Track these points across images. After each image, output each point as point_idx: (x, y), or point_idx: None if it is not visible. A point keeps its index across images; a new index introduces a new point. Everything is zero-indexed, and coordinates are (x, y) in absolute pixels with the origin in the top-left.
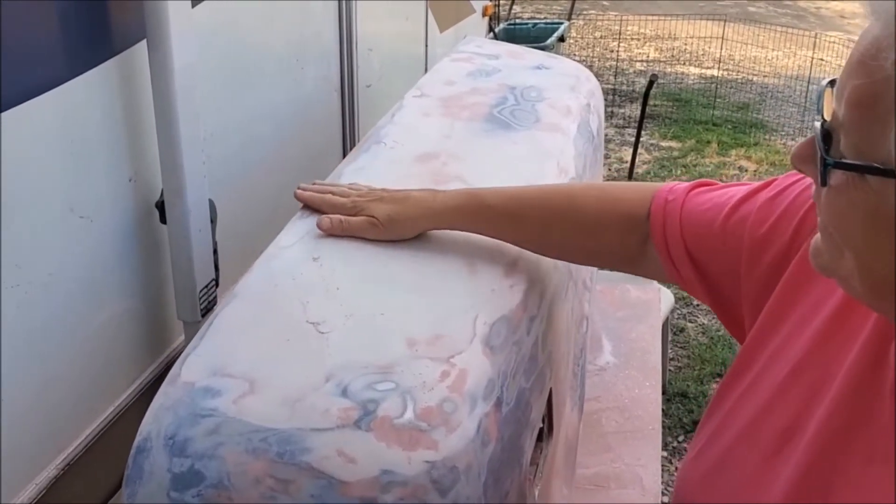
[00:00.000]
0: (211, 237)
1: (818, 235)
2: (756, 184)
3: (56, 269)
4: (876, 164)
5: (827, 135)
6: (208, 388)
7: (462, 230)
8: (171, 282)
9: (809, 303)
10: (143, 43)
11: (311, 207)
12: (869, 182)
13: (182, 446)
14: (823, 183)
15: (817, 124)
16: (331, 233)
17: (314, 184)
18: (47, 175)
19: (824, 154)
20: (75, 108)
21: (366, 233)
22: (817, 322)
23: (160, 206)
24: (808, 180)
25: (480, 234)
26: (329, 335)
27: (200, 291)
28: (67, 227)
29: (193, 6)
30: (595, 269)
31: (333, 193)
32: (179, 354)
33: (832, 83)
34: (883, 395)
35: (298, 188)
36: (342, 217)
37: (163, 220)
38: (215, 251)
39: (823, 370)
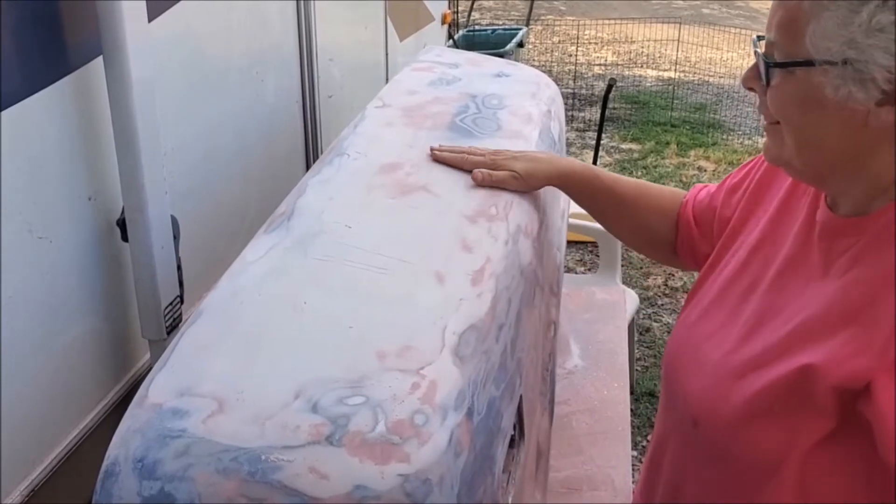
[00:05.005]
0: (174, 253)
1: (765, 138)
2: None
3: (15, 292)
4: (799, 59)
5: (766, 56)
6: (176, 409)
7: (570, 193)
8: (134, 300)
9: (761, 211)
10: (100, 59)
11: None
12: (797, 74)
13: (151, 469)
14: (768, 83)
15: (759, 52)
16: (482, 184)
17: (442, 147)
18: (3, 195)
19: (767, 62)
20: (31, 126)
21: (508, 184)
22: (766, 218)
23: (121, 223)
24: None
25: (581, 203)
26: (297, 350)
27: (165, 309)
28: (26, 248)
29: (150, 21)
30: (561, 275)
31: (468, 153)
32: (145, 374)
33: (760, 37)
34: (812, 240)
35: (434, 149)
36: (488, 171)
37: (124, 237)
38: (179, 267)
39: (774, 245)
